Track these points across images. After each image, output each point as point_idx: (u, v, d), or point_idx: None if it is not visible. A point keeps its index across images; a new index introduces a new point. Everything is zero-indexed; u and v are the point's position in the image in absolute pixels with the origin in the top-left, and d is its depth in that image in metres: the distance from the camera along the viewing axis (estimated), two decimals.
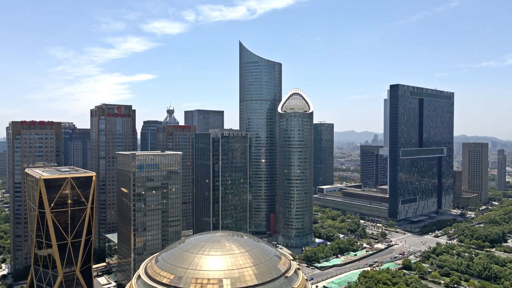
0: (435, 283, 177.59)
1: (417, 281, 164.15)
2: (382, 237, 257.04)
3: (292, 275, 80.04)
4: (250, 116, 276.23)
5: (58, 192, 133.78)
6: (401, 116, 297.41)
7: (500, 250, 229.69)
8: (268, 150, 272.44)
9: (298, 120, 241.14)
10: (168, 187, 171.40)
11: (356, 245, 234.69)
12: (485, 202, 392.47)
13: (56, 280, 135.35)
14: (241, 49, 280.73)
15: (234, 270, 73.68)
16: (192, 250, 79.33)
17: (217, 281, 71.12)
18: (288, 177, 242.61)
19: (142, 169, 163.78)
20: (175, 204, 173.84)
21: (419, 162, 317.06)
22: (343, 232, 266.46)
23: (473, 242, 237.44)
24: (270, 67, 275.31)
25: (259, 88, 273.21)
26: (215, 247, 79.54)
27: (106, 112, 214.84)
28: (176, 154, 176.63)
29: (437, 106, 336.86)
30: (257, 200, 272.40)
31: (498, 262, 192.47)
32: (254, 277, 73.30)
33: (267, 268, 77.14)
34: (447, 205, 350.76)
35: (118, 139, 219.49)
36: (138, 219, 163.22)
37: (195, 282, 70.83)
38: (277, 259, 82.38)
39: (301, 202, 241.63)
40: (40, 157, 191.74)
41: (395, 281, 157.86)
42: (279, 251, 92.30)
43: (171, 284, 71.50)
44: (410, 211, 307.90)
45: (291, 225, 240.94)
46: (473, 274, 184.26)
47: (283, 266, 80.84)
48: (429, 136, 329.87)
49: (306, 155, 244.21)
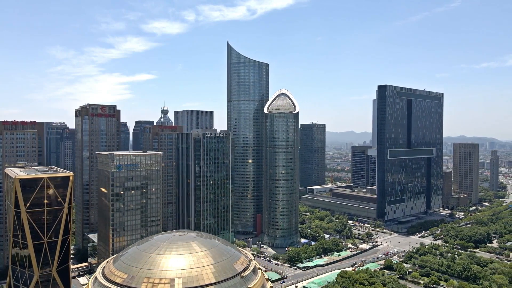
0: (415, 283, 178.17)
1: (395, 281, 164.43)
2: (367, 238, 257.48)
3: (248, 274, 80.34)
4: (237, 116, 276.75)
5: (34, 192, 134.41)
6: (388, 117, 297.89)
7: (484, 250, 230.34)
8: (255, 150, 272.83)
9: (283, 121, 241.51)
10: (147, 187, 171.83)
11: (341, 246, 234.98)
12: (475, 203, 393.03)
13: (32, 279, 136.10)
14: (229, 50, 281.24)
15: (187, 269, 74.01)
16: (149, 250, 79.71)
17: (169, 280, 71.46)
18: (273, 177, 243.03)
19: (121, 169, 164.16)
20: (155, 204, 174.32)
21: (407, 163, 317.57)
22: (330, 232, 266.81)
23: (458, 243, 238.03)
24: (257, 68, 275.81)
25: (246, 88, 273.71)
26: (171, 246, 79.90)
27: (90, 112, 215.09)
28: (156, 154, 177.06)
29: (426, 106, 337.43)
30: (244, 201, 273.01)
31: (479, 262, 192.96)
32: (207, 277, 73.62)
33: (222, 268, 77.46)
34: (436, 205, 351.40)
35: (102, 139, 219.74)
36: (117, 219, 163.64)
37: (146, 282, 71.20)
38: (234, 258, 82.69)
39: (286, 202, 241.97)
40: (22, 157, 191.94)
41: (372, 281, 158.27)
42: (241, 250, 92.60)
43: (124, 284, 71.88)
44: (398, 212, 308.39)
45: (276, 226, 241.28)
46: (454, 274, 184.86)
47: (240, 266, 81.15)
48: (418, 137, 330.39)
49: (291, 155, 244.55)
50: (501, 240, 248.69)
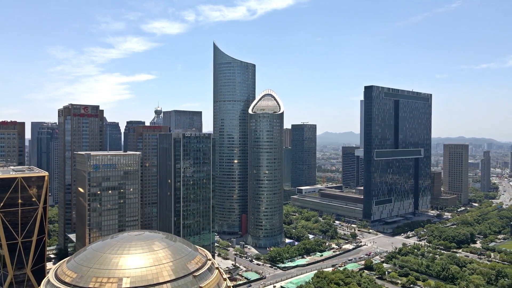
0: (392, 283, 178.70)
1: (371, 281, 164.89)
2: (352, 238, 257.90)
3: (202, 273, 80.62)
4: (224, 116, 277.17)
5: (8, 192, 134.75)
6: (375, 117, 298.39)
7: (466, 251, 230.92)
8: (241, 151, 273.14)
9: (267, 121, 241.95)
10: (125, 187, 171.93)
11: (324, 246, 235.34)
12: (465, 204, 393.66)
13: (6, 279, 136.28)
14: (215, 50, 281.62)
15: (137, 269, 74.29)
16: (102, 250, 79.96)
17: (117, 280, 71.78)
18: (256, 177, 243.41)
19: (97, 169, 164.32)
20: (133, 204, 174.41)
21: (394, 163, 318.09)
22: (315, 232, 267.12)
23: (441, 243, 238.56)
24: (243, 68, 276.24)
25: (232, 89, 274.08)
26: (124, 246, 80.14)
27: (72, 112, 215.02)
28: (135, 154, 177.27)
29: (414, 107, 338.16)
30: (229, 201, 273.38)
31: (458, 263, 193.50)
32: (156, 276, 73.88)
33: (174, 267, 77.74)
34: (424, 206, 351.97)
35: (85, 139, 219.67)
36: (93, 219, 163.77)
37: (94, 281, 71.47)
38: (189, 258, 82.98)
39: (269, 202, 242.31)
40: (2, 156, 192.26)
41: (348, 281, 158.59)
42: (200, 249, 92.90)
43: (72, 283, 72.15)
44: (385, 212, 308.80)
45: (260, 226, 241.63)
46: (432, 274, 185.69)
47: (194, 265, 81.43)
48: (405, 137, 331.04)
49: (275, 155, 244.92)
50: (484, 241, 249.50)
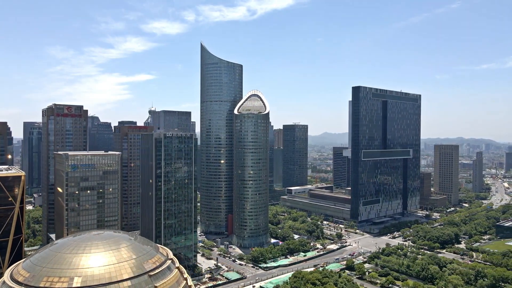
0: (372, 283, 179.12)
1: (349, 281, 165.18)
2: (337, 238, 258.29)
3: (159, 273, 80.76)
4: (211, 117, 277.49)
5: None
6: (362, 118, 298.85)
7: (450, 251, 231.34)
8: (228, 151, 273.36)
9: (252, 121, 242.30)
10: (104, 187, 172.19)
11: (308, 246, 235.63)
12: (455, 204, 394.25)
13: None
14: (202, 51, 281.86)
15: (90, 268, 74.41)
16: (58, 249, 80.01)
17: (68, 279, 71.96)
18: (241, 178, 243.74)
19: (75, 169, 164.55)
20: (112, 204, 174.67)
21: (382, 164, 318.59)
22: (301, 233, 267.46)
23: (425, 243, 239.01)
24: (230, 69, 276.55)
25: (218, 89, 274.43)
26: (80, 245, 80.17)
27: (55, 112, 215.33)
28: (114, 154, 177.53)
29: (403, 108, 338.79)
30: (216, 201, 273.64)
31: (439, 263, 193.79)
32: (109, 275, 73.95)
33: (129, 267, 77.87)
34: (413, 206, 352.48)
35: (69, 139, 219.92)
36: (71, 218, 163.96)
37: (46, 280, 71.55)
38: (147, 257, 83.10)
39: (254, 202, 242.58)
40: None
41: (324, 281, 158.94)
42: (161, 248, 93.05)
43: (24, 282, 72.25)
44: (372, 212, 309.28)
45: (244, 226, 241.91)
46: (412, 274, 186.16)
47: (151, 265, 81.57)
48: (394, 138, 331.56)
49: (260, 156, 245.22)
50: (469, 241, 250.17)
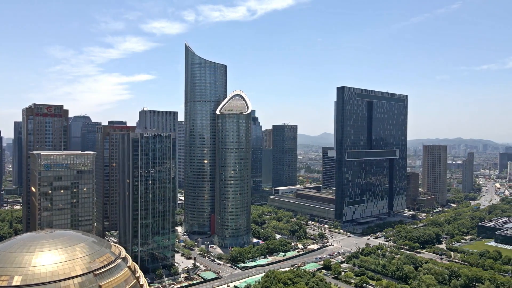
0: (346, 283, 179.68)
1: (321, 280, 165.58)
2: (319, 238, 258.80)
3: (106, 272, 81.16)
4: (194, 117, 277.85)
5: None
6: (347, 118, 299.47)
7: (430, 251, 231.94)
8: (211, 151, 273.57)
9: (233, 121, 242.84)
10: (78, 187, 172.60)
11: (289, 246, 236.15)
12: (442, 204, 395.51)
13: None
14: (186, 51, 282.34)
15: (32, 267, 74.68)
16: (3, 249, 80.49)
17: (8, 277, 72.35)
18: (223, 178, 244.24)
19: (49, 169, 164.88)
20: (87, 204, 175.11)
21: (368, 164, 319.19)
22: (284, 233, 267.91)
23: (405, 243, 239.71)
24: (214, 69, 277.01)
25: (202, 89, 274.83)
26: (26, 245, 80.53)
27: (35, 112, 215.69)
28: (89, 154, 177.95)
29: (388, 108, 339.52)
30: (200, 201, 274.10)
31: (415, 262, 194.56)
32: (51, 274, 74.31)
33: (75, 265, 78.30)
34: (400, 207, 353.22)
35: (48, 138, 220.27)
36: (44, 218, 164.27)
37: None
38: (96, 256, 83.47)
39: (236, 202, 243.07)
40: None
41: (296, 281, 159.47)
42: (113, 247, 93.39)
43: None
44: (357, 213, 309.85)
45: (226, 226, 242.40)
46: (388, 274, 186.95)
47: (98, 263, 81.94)
48: (380, 138, 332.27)
49: (241, 156, 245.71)
50: (449, 241, 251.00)
